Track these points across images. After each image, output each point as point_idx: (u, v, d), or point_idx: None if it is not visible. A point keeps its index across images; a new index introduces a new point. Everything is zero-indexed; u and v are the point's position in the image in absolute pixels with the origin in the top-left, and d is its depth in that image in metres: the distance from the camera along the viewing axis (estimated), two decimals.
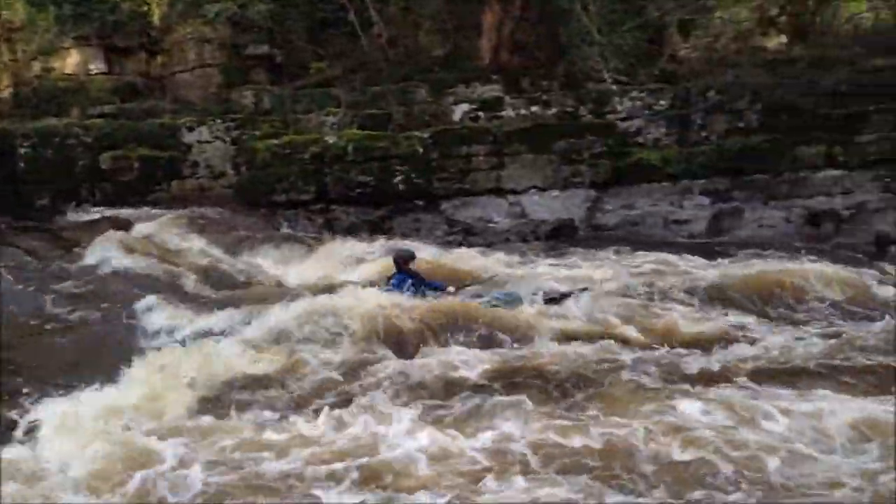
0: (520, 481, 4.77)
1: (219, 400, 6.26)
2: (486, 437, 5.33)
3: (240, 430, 5.60)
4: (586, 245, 13.23)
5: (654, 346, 7.31)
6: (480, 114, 14.89)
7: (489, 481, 4.78)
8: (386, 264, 10.80)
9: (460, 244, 13.55)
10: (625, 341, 7.44)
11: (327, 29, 16.28)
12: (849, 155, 13.40)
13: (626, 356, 6.89)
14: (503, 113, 14.81)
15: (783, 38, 14.80)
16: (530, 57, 15.16)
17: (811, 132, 13.56)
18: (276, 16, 16.06)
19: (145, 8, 16.71)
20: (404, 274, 8.57)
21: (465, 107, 14.96)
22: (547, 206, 14.39)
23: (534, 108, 14.84)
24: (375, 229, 13.91)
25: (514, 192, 14.37)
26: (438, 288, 8.69)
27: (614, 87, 14.53)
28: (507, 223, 14.28)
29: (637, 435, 5.25)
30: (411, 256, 8.81)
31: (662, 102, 14.55)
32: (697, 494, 4.64)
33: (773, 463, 4.90)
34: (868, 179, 13.30)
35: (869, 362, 6.66)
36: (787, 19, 14.73)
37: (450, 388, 6.27)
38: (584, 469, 4.92)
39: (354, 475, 4.86)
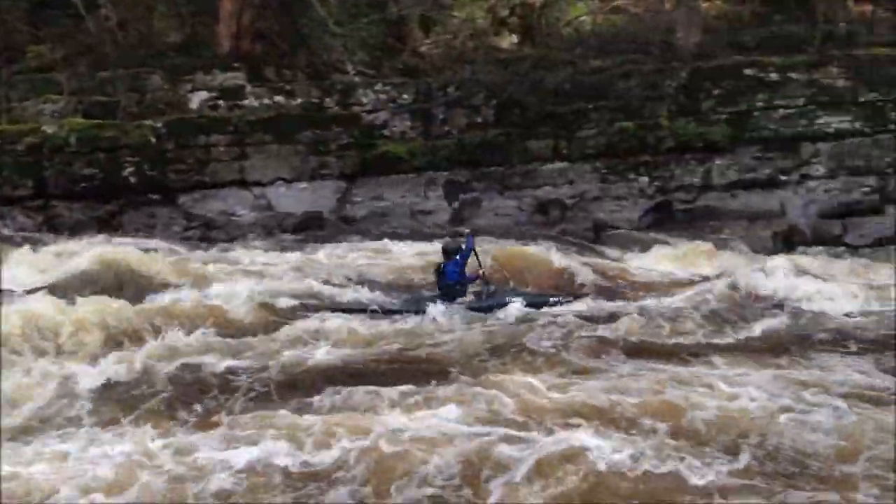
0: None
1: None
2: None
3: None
4: (345, 236, 13.28)
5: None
6: (221, 102, 14.33)
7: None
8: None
9: (200, 240, 13.00)
10: None
11: (47, 9, 14.85)
12: (572, 149, 14.42)
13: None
14: (245, 102, 14.37)
15: (514, 38, 15.68)
16: (272, 45, 14.83)
17: (539, 127, 14.44)
18: None
19: None
20: (453, 262, 8.99)
21: (203, 95, 14.32)
22: (295, 199, 14.19)
23: (277, 98, 14.55)
24: (104, 226, 12.94)
25: (260, 184, 14.02)
26: (472, 280, 9.17)
27: (358, 79, 14.61)
28: (251, 216, 13.89)
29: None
30: (459, 248, 9.19)
31: (406, 96, 14.84)
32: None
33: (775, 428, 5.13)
34: (588, 171, 14.40)
35: (733, 337, 7.46)
36: (517, 20, 15.61)
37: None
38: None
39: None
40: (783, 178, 14.02)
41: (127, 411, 5.55)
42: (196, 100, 14.25)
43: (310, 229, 13.85)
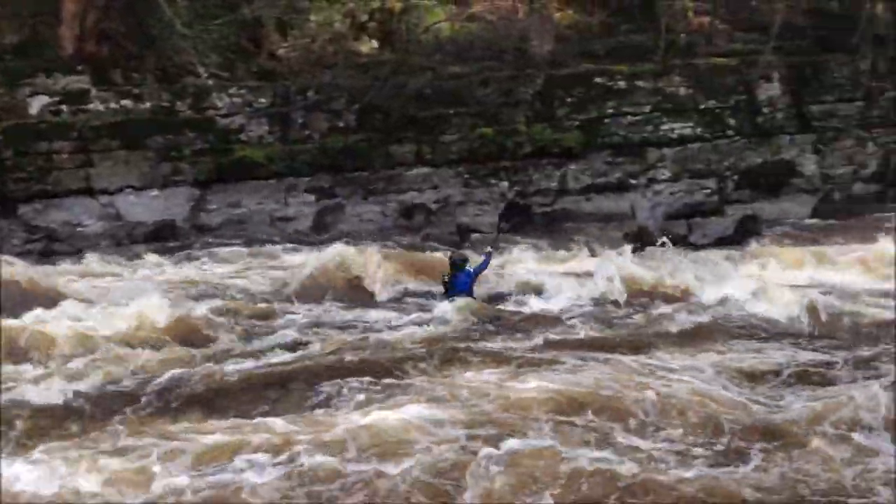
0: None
1: None
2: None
3: None
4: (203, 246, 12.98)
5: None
6: (63, 107, 13.48)
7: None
8: None
9: (41, 253, 12.20)
10: None
11: None
12: (435, 154, 14.55)
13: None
14: (90, 106, 13.58)
15: (374, 44, 15.64)
16: (119, 47, 14.12)
17: (402, 132, 14.48)
18: None
19: None
20: (464, 273, 9.43)
21: (44, 99, 13.42)
22: (145, 207, 13.60)
23: (125, 102, 13.85)
24: None
25: (107, 192, 13.33)
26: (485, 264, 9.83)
27: (211, 82, 14.16)
28: (98, 227, 13.17)
29: None
30: (466, 259, 9.72)
31: (263, 100, 14.50)
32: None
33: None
34: (451, 176, 14.57)
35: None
36: (376, 25, 15.57)
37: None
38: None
39: None
40: (632, 181, 14.72)
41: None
42: (36, 104, 13.34)
43: (162, 239, 13.33)
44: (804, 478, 4.62)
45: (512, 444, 4.88)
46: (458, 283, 9.29)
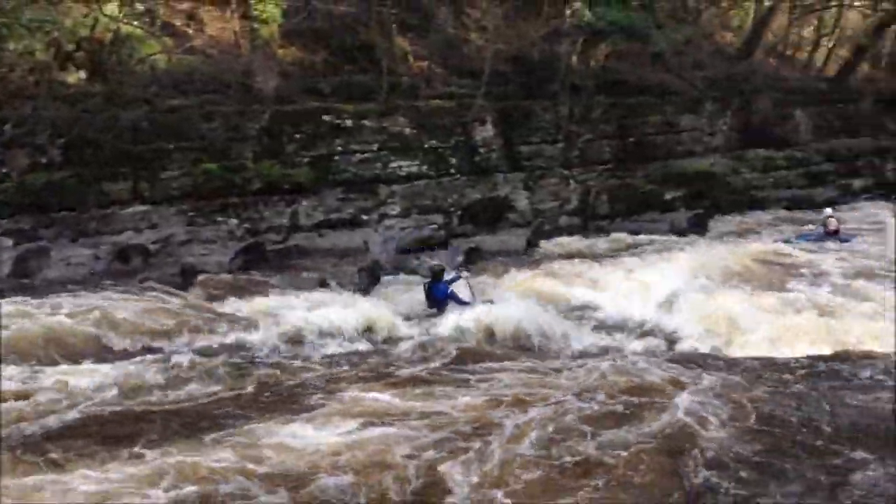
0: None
1: None
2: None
3: None
4: None
5: None
6: None
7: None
8: None
9: None
10: None
11: None
12: (154, 190, 13.67)
13: None
14: None
15: (82, 74, 14.39)
16: None
17: (116, 168, 13.47)
18: None
19: None
20: (444, 283, 10.93)
21: None
22: None
23: None
24: None
25: None
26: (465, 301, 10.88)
27: None
28: None
29: None
30: (444, 269, 11.49)
31: None
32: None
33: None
34: (173, 214, 13.77)
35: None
36: (84, 55, 14.36)
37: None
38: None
39: None
40: (365, 217, 14.97)
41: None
42: None
43: None
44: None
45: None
46: (437, 291, 10.86)
